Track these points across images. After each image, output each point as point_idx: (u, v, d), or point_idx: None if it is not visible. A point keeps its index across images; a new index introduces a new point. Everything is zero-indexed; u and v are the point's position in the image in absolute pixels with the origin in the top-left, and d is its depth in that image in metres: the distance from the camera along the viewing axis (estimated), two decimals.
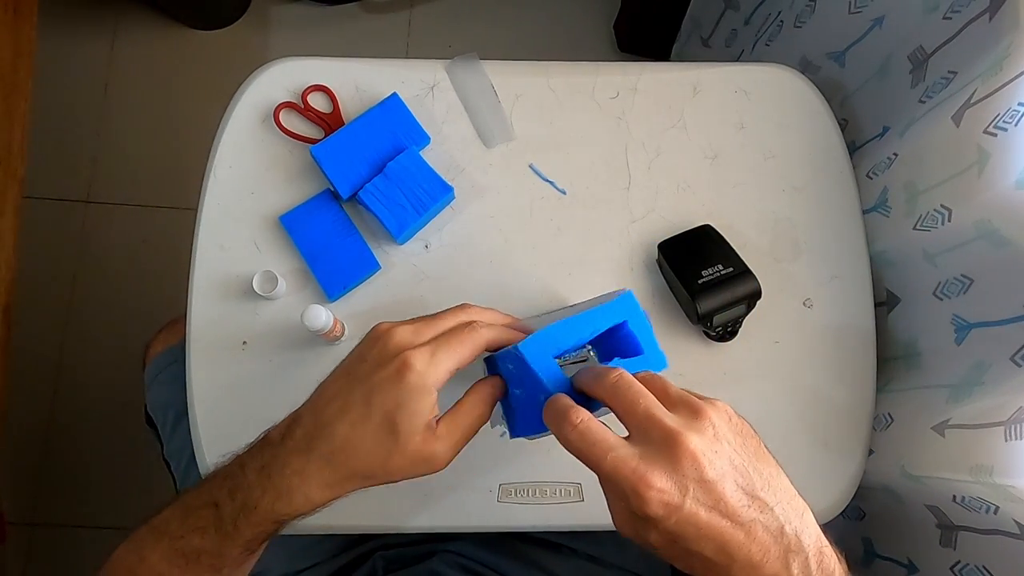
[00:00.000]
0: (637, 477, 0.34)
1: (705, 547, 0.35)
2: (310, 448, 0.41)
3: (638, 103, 0.67)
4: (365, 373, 0.42)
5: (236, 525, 0.42)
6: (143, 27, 1.38)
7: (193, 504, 0.44)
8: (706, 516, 0.34)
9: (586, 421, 0.36)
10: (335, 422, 0.41)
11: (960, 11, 0.55)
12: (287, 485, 0.41)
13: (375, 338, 0.43)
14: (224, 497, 0.42)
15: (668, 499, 0.34)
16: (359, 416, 0.41)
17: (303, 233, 0.61)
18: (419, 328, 0.43)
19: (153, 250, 1.31)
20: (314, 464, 0.41)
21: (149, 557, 0.44)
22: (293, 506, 0.42)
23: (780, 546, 0.35)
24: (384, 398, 0.41)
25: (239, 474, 0.43)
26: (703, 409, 0.36)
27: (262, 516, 0.42)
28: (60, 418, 1.26)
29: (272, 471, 0.42)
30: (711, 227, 0.61)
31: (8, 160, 0.97)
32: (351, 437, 0.41)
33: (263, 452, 0.43)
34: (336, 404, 0.42)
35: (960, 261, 0.55)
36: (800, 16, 0.76)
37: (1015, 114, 0.47)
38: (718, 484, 0.34)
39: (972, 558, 0.53)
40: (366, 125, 0.62)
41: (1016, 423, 0.46)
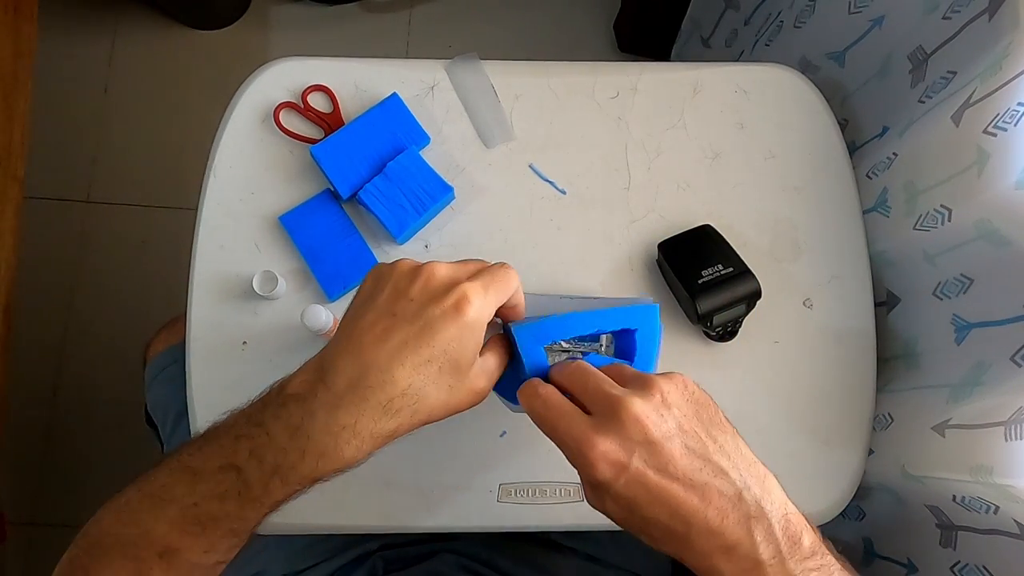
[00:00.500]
0: (584, 439, 0.35)
1: (659, 512, 0.35)
2: (362, 398, 0.38)
3: (638, 103, 0.67)
4: (416, 311, 0.38)
5: (267, 489, 0.38)
6: (143, 27, 1.38)
7: (203, 468, 0.40)
8: (655, 477, 0.34)
9: (550, 393, 0.38)
10: (392, 367, 0.37)
11: (960, 11, 0.55)
12: (334, 443, 0.38)
13: (409, 274, 0.40)
14: (246, 460, 0.38)
15: (614, 458, 0.35)
16: (422, 359, 0.38)
17: (303, 233, 0.61)
18: (455, 266, 0.41)
19: (153, 250, 1.31)
20: (368, 415, 0.38)
21: (153, 528, 0.40)
22: (342, 461, 0.38)
23: (739, 512, 0.35)
24: (445, 335, 0.38)
25: (258, 434, 0.39)
26: (653, 380, 0.37)
27: (301, 477, 0.38)
28: (60, 418, 1.26)
29: (311, 430, 0.38)
30: (711, 227, 0.61)
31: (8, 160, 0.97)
32: (413, 381, 0.38)
33: (287, 409, 0.39)
34: (388, 347, 0.38)
35: (960, 261, 0.55)
36: (800, 16, 0.76)
37: (1015, 114, 0.47)
38: (665, 445, 0.35)
39: (972, 558, 0.53)
40: (366, 125, 0.62)
41: (1016, 423, 0.46)
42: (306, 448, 0.38)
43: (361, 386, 0.38)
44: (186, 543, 0.40)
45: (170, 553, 0.40)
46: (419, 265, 0.41)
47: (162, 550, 0.40)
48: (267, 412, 0.40)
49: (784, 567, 0.35)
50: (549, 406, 0.38)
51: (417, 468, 0.58)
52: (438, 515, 0.58)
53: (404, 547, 0.66)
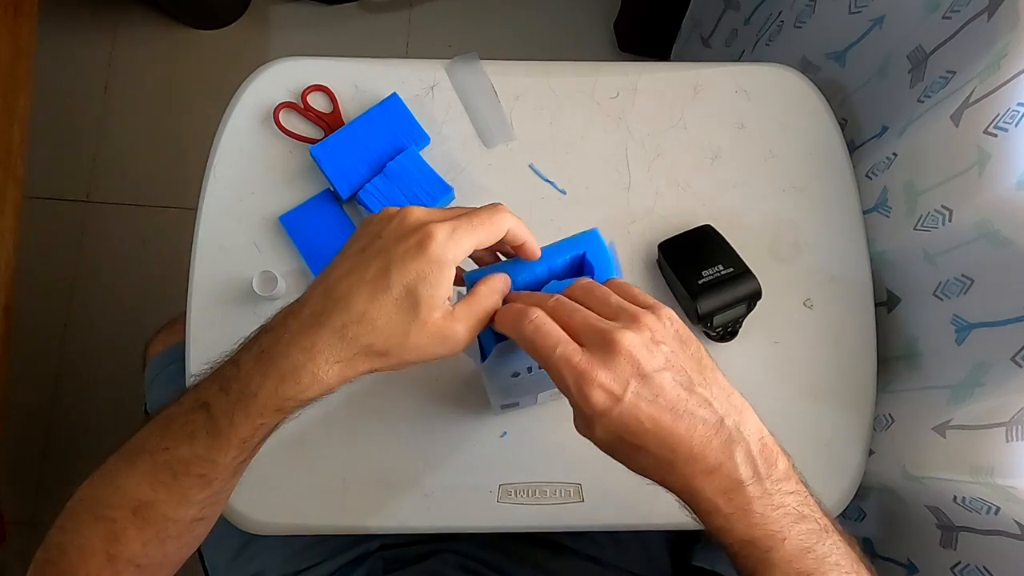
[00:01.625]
0: (580, 371, 0.36)
1: (648, 441, 0.36)
2: (320, 323, 0.39)
3: (638, 103, 0.66)
4: (382, 247, 0.39)
5: (232, 420, 0.39)
6: (143, 27, 1.38)
7: (175, 414, 0.41)
8: (647, 408, 0.36)
9: (541, 317, 0.38)
10: (350, 295, 0.39)
11: (959, 10, 0.55)
12: (292, 364, 0.38)
13: (386, 218, 0.41)
14: (215, 394, 0.39)
15: (609, 390, 0.36)
16: (378, 288, 0.38)
17: (303, 233, 0.61)
18: (434, 211, 0.41)
19: (153, 250, 1.31)
20: (324, 339, 0.38)
21: (125, 483, 0.40)
22: (300, 386, 0.38)
23: (720, 437, 0.37)
24: (405, 269, 0.38)
25: (229, 368, 0.40)
26: (640, 315, 0.38)
27: (263, 403, 0.39)
28: (60, 418, 1.26)
29: (274, 353, 0.39)
30: (711, 227, 0.61)
31: (8, 160, 0.97)
32: (368, 309, 0.38)
33: (258, 340, 0.40)
34: (351, 278, 0.39)
35: (960, 261, 0.55)
36: (800, 16, 0.76)
37: (1015, 114, 0.47)
38: (655, 378, 0.36)
39: (972, 558, 0.52)
40: (366, 125, 0.62)
41: (1017, 424, 0.46)
42: (268, 371, 0.39)
43: (321, 312, 0.39)
44: (160, 495, 0.40)
45: (144, 507, 0.40)
46: (400, 208, 0.41)
47: (136, 505, 0.40)
48: (242, 349, 0.41)
49: (761, 485, 0.38)
50: (542, 334, 0.38)
51: (417, 468, 0.58)
52: (438, 515, 0.58)
53: (404, 547, 0.66)
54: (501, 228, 0.41)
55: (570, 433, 0.46)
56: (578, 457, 0.59)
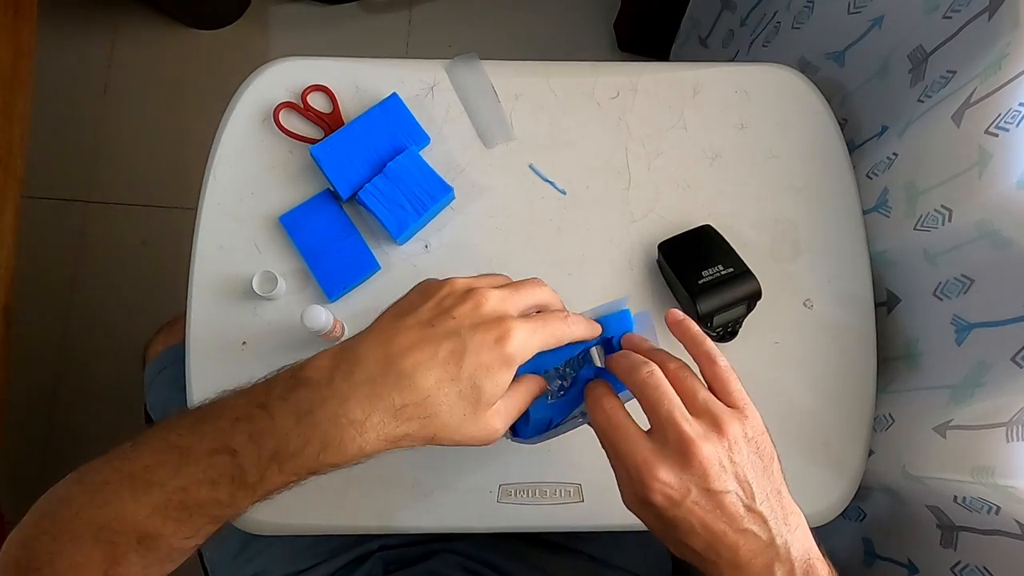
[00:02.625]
0: (646, 467, 0.37)
1: (696, 542, 0.37)
2: (378, 395, 0.37)
3: (638, 103, 0.66)
4: (454, 329, 0.38)
5: (263, 476, 0.37)
6: (143, 27, 1.38)
7: (194, 449, 0.38)
8: (701, 515, 0.37)
9: (615, 408, 0.39)
10: (416, 373, 0.37)
11: (960, 10, 0.55)
12: (340, 435, 0.36)
13: (459, 294, 0.40)
14: (243, 443, 0.37)
15: (670, 494, 0.37)
16: (447, 374, 0.37)
17: (303, 233, 0.61)
18: (508, 296, 0.40)
19: (153, 250, 1.31)
20: (380, 414, 0.37)
21: (132, 513, 0.37)
22: (344, 456, 0.37)
23: (767, 556, 0.38)
24: (478, 362, 0.37)
25: (260, 416, 0.37)
26: (725, 422, 0.38)
27: (301, 466, 0.37)
28: (60, 418, 1.26)
29: (320, 418, 0.37)
30: (711, 227, 0.61)
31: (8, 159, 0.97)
32: (433, 394, 0.37)
33: (297, 393, 0.38)
34: (417, 355, 0.37)
35: (961, 261, 0.55)
36: (799, 17, 0.76)
37: (1016, 114, 0.47)
38: (720, 496, 0.37)
39: (973, 559, 0.52)
40: (366, 125, 0.62)
41: (1017, 424, 0.46)
42: (311, 436, 0.37)
43: (380, 383, 0.37)
44: (169, 529, 0.38)
45: (150, 538, 0.38)
46: (472, 288, 0.40)
47: (141, 535, 0.38)
48: (273, 393, 0.38)
49: None
50: (613, 424, 0.39)
51: (417, 468, 0.58)
52: (438, 515, 0.58)
53: (404, 547, 0.66)
54: (565, 338, 0.41)
55: (570, 433, 0.46)
56: (578, 457, 0.59)
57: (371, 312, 0.61)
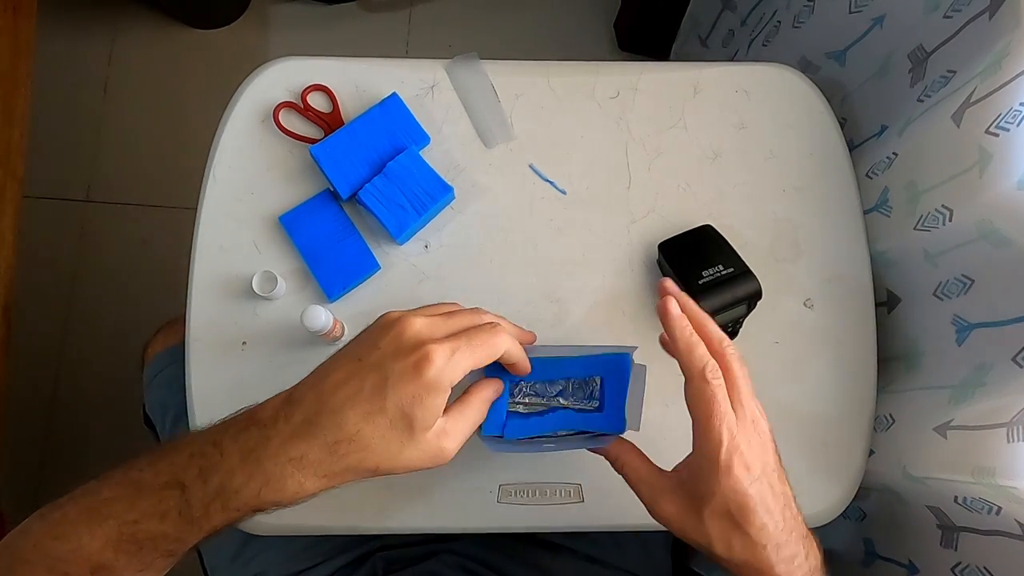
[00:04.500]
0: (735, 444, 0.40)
1: (753, 523, 0.40)
2: (312, 434, 0.38)
3: (638, 103, 0.66)
4: (378, 361, 0.39)
5: (207, 511, 0.38)
6: (143, 27, 1.38)
7: (147, 484, 0.39)
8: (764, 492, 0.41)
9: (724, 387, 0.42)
10: (344, 409, 0.38)
11: (960, 10, 0.55)
12: (280, 472, 0.38)
13: (387, 325, 0.41)
14: (193, 478, 0.38)
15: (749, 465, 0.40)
16: (373, 407, 0.38)
17: (303, 233, 0.61)
18: (435, 322, 0.41)
19: (153, 250, 1.31)
20: (315, 452, 0.38)
21: (87, 545, 0.38)
22: (284, 494, 0.39)
23: (797, 531, 0.42)
24: (401, 391, 0.38)
25: (212, 453, 0.39)
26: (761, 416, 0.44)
27: (242, 503, 0.38)
28: (60, 418, 1.26)
29: (262, 456, 0.38)
30: (711, 227, 0.61)
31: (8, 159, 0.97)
32: (362, 428, 0.38)
33: (248, 433, 0.39)
34: (345, 391, 0.39)
35: (961, 261, 0.55)
36: (799, 16, 0.76)
37: (1016, 114, 0.47)
38: (772, 472, 0.42)
39: (973, 559, 0.52)
40: (366, 125, 0.62)
41: (1018, 424, 0.46)
42: (253, 472, 0.38)
43: (315, 422, 0.39)
44: (121, 561, 0.39)
45: (104, 570, 0.39)
46: (401, 316, 0.41)
47: (95, 567, 0.39)
48: (227, 434, 0.40)
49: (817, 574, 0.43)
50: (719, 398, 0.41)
51: None
52: (438, 515, 0.58)
53: (404, 548, 0.66)
54: (498, 350, 0.42)
55: None
56: (578, 457, 0.58)
57: (371, 312, 0.61)
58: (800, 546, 0.42)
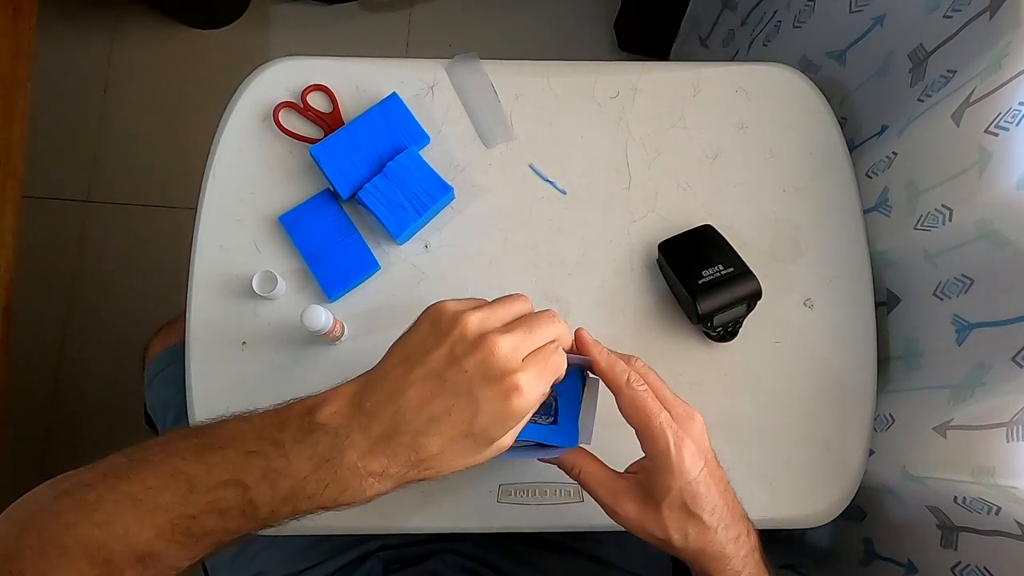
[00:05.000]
0: (679, 436, 0.43)
1: (706, 508, 0.43)
2: (393, 452, 0.38)
3: (638, 103, 0.66)
4: (467, 386, 0.39)
5: (275, 512, 0.38)
6: (143, 27, 1.38)
7: (202, 479, 0.38)
8: (711, 479, 0.43)
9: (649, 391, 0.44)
10: (430, 433, 0.38)
11: (961, 10, 0.55)
12: (359, 484, 0.38)
13: (472, 342, 0.39)
14: (256, 480, 0.38)
15: (695, 455, 0.43)
16: (460, 432, 0.39)
17: (303, 233, 0.61)
18: (519, 343, 0.40)
19: (153, 250, 1.31)
20: (397, 467, 0.39)
21: (135, 534, 0.37)
22: (363, 498, 0.39)
23: (738, 511, 0.46)
24: (489, 419, 0.39)
25: (274, 455, 0.38)
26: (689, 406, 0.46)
27: (315, 505, 0.39)
28: (60, 418, 1.26)
29: (339, 467, 0.38)
30: (711, 227, 0.61)
31: (8, 159, 0.97)
32: (447, 449, 0.39)
33: (315, 437, 0.38)
34: (430, 412, 0.39)
35: (961, 261, 0.55)
36: (799, 16, 0.76)
37: (1016, 114, 0.47)
38: (712, 457, 0.45)
39: (973, 559, 0.52)
40: (366, 125, 0.62)
41: (1018, 424, 0.46)
42: (329, 482, 0.38)
43: (395, 442, 0.39)
44: (172, 551, 0.38)
45: (150, 557, 0.38)
46: (483, 334, 0.40)
47: (141, 555, 0.38)
48: (287, 433, 0.39)
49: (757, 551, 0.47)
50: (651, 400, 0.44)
51: None
52: (438, 515, 0.58)
53: (404, 547, 0.66)
54: (563, 368, 0.43)
55: None
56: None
57: (371, 312, 0.61)
58: (742, 524, 0.45)
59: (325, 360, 0.59)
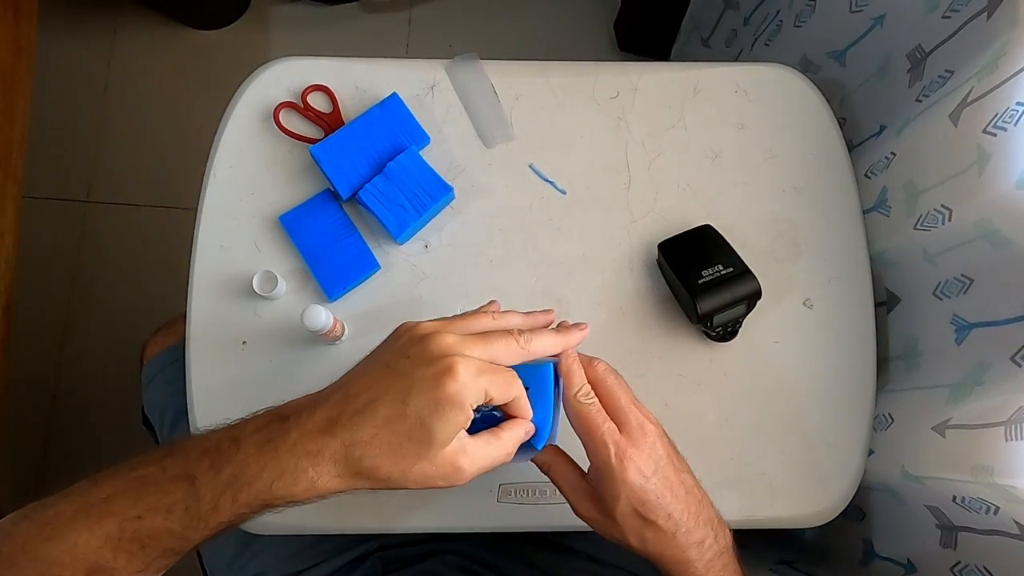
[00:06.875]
0: (622, 449, 0.43)
1: (660, 515, 0.43)
2: (332, 432, 0.38)
3: (638, 103, 0.66)
4: (405, 368, 0.39)
5: (216, 504, 0.38)
6: (143, 27, 1.38)
7: (153, 478, 0.38)
8: (662, 487, 0.43)
9: (592, 394, 0.44)
10: (365, 411, 0.39)
11: (959, 10, 0.55)
12: (295, 465, 0.38)
13: (420, 336, 0.41)
14: (205, 470, 0.38)
15: (642, 467, 0.43)
16: (394, 412, 0.38)
17: (303, 233, 0.61)
18: (467, 340, 0.41)
19: (153, 250, 1.31)
20: (331, 450, 0.38)
21: (84, 544, 0.37)
22: (294, 489, 0.38)
23: (703, 516, 0.45)
24: (421, 397, 0.38)
25: (228, 448, 0.39)
26: (649, 414, 0.46)
27: (253, 496, 0.38)
28: (60, 418, 1.26)
29: (280, 446, 0.38)
30: (711, 227, 0.61)
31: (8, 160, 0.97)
32: (381, 432, 0.38)
33: (269, 426, 0.39)
34: (370, 393, 0.39)
35: (960, 261, 0.55)
36: (800, 16, 0.76)
37: (1015, 113, 0.47)
38: (667, 465, 0.44)
39: (972, 559, 0.52)
40: (366, 125, 0.62)
41: (1016, 423, 0.46)
42: (268, 462, 0.38)
43: (336, 421, 0.39)
44: (120, 561, 0.38)
45: (100, 571, 0.38)
46: (433, 330, 0.41)
47: (91, 568, 0.37)
48: (247, 428, 0.40)
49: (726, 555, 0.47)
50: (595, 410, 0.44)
51: None
52: (438, 515, 0.58)
53: (403, 547, 0.66)
54: (512, 395, 0.42)
55: (569, 432, 0.46)
56: (578, 457, 0.58)
57: (371, 312, 0.61)
58: (708, 529, 0.45)
59: (325, 360, 0.59)
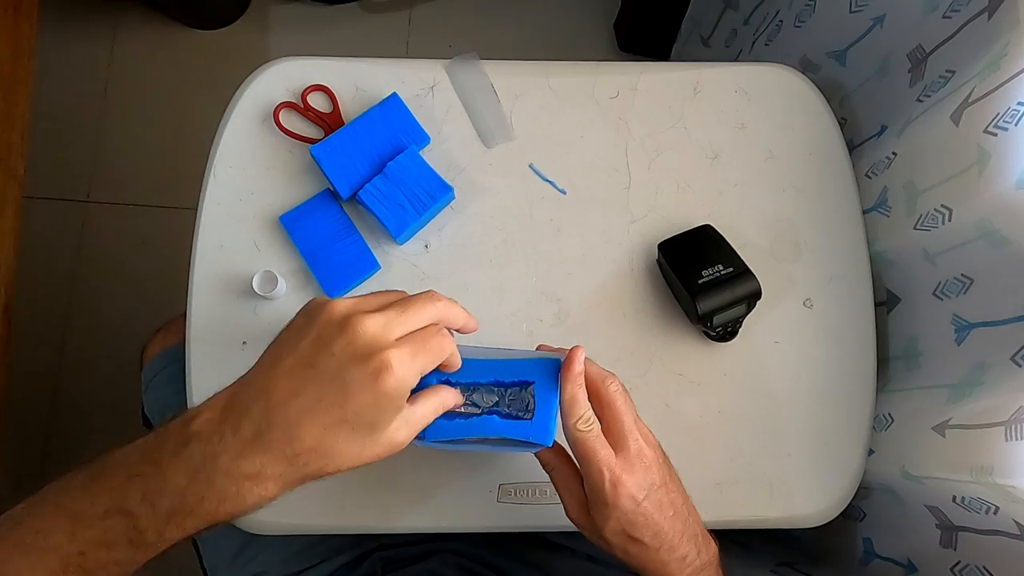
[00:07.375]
0: (616, 477, 0.43)
1: (647, 535, 0.44)
2: (266, 448, 0.37)
3: (638, 103, 0.66)
4: (335, 369, 0.37)
5: (163, 535, 0.37)
6: (143, 27, 1.38)
7: (85, 513, 0.37)
8: (652, 510, 0.44)
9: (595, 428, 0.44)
10: (302, 423, 0.37)
11: (959, 10, 0.55)
12: (237, 489, 0.37)
13: (339, 325, 0.38)
14: (138, 503, 0.36)
15: (634, 494, 0.43)
16: (333, 419, 0.37)
17: (303, 233, 0.61)
18: (390, 322, 0.39)
19: (153, 250, 1.31)
20: (273, 465, 0.37)
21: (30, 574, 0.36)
22: (244, 506, 0.37)
23: (687, 532, 0.46)
24: (362, 401, 0.37)
25: (153, 475, 0.37)
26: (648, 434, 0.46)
27: (199, 519, 0.37)
28: (60, 418, 1.26)
29: (212, 475, 0.36)
30: (711, 227, 0.61)
31: (8, 160, 0.97)
32: (324, 439, 0.37)
33: (189, 449, 0.37)
34: (300, 402, 0.37)
35: (960, 261, 0.55)
36: (800, 15, 0.76)
37: (1015, 113, 0.47)
38: (660, 489, 0.45)
39: (972, 558, 0.52)
40: (366, 125, 0.62)
41: (1016, 423, 0.46)
42: (205, 493, 0.37)
43: (267, 436, 0.37)
44: None
45: None
46: (349, 316, 0.39)
47: None
48: (165, 449, 0.38)
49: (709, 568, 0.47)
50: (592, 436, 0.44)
51: (417, 468, 0.58)
52: (438, 515, 0.58)
53: (403, 547, 0.66)
54: (446, 353, 0.41)
55: None
56: None
57: None
58: (691, 545, 0.46)
59: None
